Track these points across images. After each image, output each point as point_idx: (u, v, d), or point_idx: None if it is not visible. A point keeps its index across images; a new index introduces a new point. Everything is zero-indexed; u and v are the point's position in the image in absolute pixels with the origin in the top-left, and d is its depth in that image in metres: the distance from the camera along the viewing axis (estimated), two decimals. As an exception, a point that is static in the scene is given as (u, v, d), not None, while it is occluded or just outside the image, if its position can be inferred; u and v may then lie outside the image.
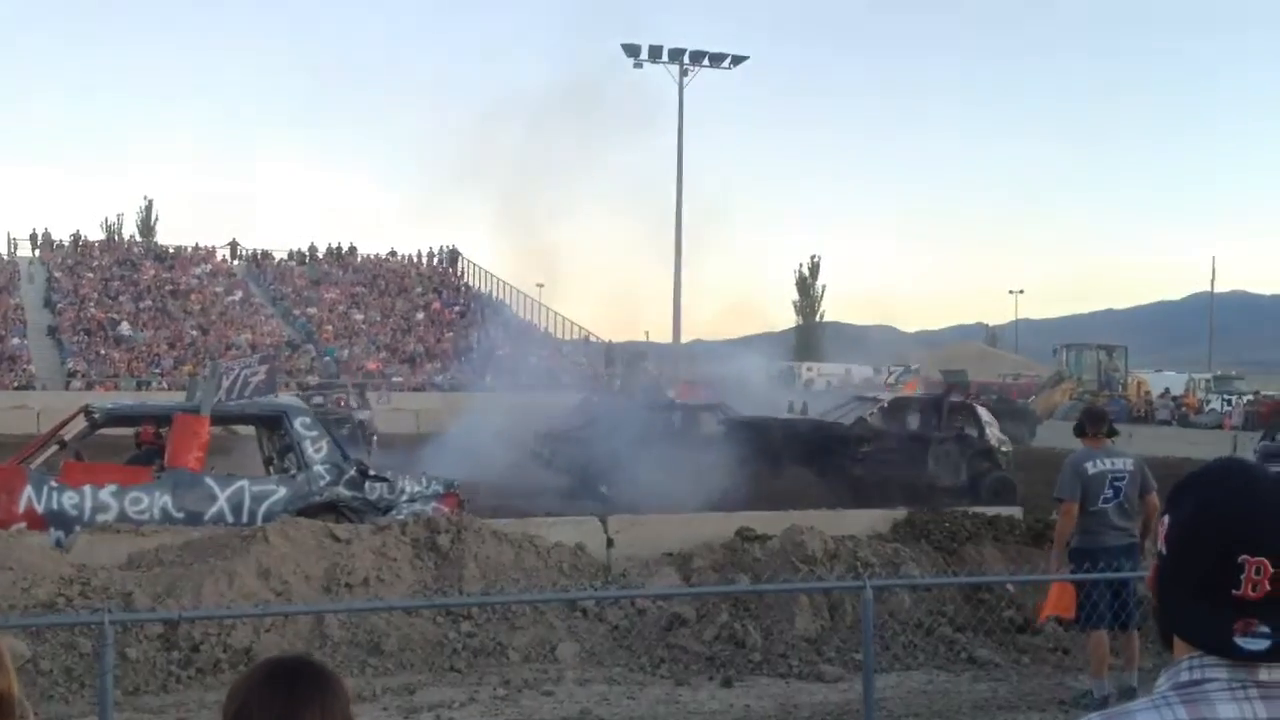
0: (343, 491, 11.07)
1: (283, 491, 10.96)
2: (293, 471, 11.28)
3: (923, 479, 18.63)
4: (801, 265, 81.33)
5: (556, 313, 56.04)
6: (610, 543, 10.54)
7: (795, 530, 10.28)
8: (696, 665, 8.84)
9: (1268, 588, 1.51)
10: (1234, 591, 1.52)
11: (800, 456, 18.70)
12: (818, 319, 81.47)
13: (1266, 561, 1.51)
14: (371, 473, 11.44)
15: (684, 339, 62.21)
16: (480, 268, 59.05)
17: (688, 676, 8.67)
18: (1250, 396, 39.49)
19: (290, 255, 58.11)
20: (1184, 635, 1.58)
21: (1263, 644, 1.50)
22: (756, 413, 21.40)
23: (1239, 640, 1.51)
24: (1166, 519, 1.62)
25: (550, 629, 9.08)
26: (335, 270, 56.66)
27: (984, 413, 21.36)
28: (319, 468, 11.08)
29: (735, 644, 9.03)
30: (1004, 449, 20.28)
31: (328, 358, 46.79)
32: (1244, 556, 1.51)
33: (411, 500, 11.15)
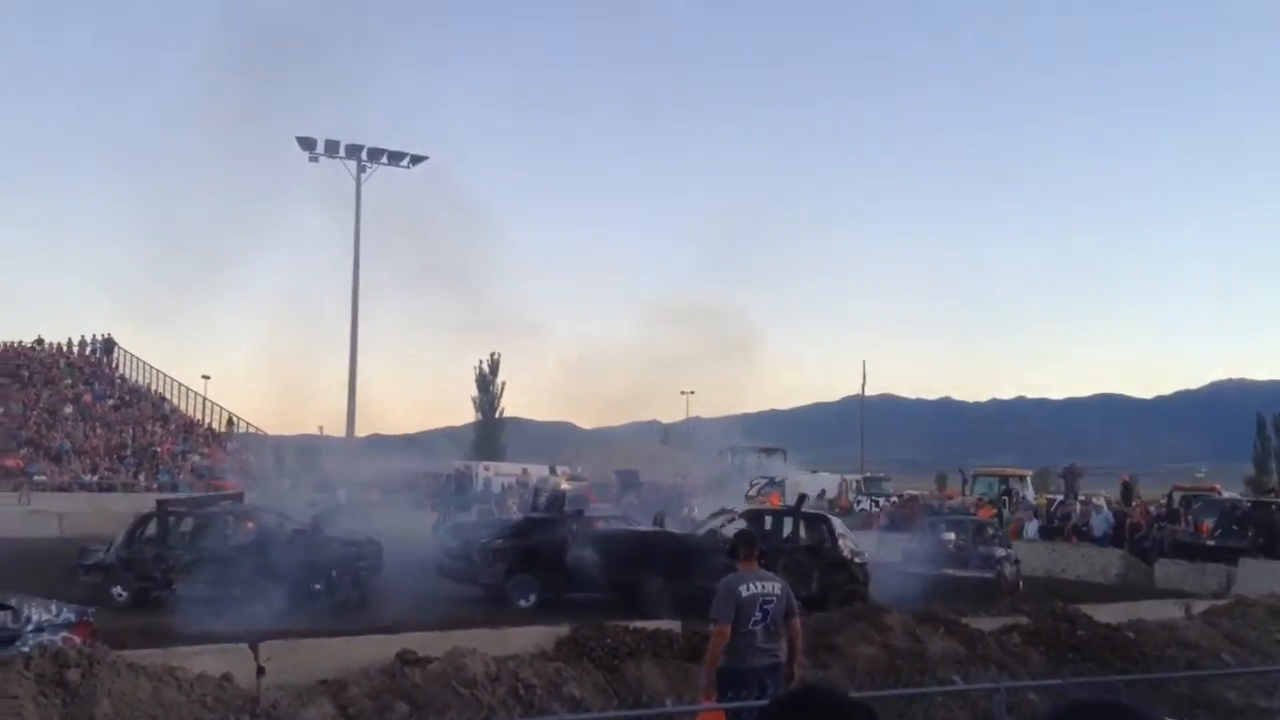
0: (-43, 622, 10.00)
1: (-117, 624, 9.78)
2: (-104, 600, 10.10)
3: None
4: (482, 362, 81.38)
5: (222, 407, 53.61)
6: (261, 671, 9.96)
7: (457, 653, 10.08)
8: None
9: None
10: None
11: (655, 567, 19.11)
12: (497, 415, 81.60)
13: None
14: (-9, 600, 10.39)
15: (360, 433, 60.84)
16: (138, 359, 55.76)
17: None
18: (895, 498, 42.38)
19: (-80, 340, 53.01)
20: None
21: None
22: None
23: None
24: None
25: (189, 769, 8.46)
26: (-27, 358, 52.01)
27: (839, 524, 22.06)
28: (-71, 595, 9.98)
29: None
30: (858, 560, 20.87)
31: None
32: None
33: (39, 630, 10.20)
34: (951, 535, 26.53)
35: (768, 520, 21.75)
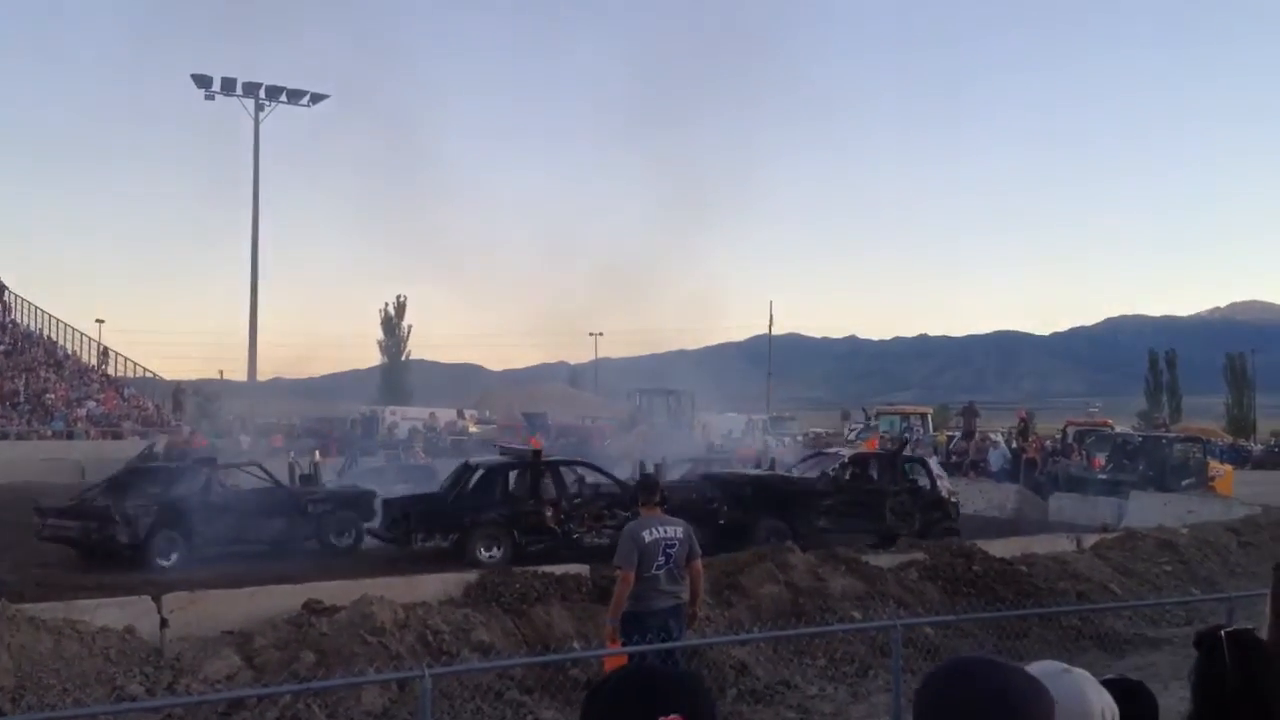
0: None
1: None
2: None
3: (881, 529, 19.80)
4: (387, 305, 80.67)
5: (118, 353, 52.34)
6: (165, 623, 9.89)
7: (365, 601, 10.08)
8: (256, 753, 8.46)
9: None
10: None
11: (772, 509, 19.55)
12: (404, 359, 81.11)
13: (679, 717, 1.64)
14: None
15: (262, 377, 59.95)
16: (29, 302, 54.08)
17: (246, 765, 8.27)
18: (801, 436, 43.07)
19: None
20: None
21: None
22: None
23: None
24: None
25: (92, 723, 8.38)
26: None
27: (935, 466, 22.83)
28: None
29: (299, 726, 8.71)
30: (953, 499, 21.80)
31: None
32: (660, 717, 1.64)
33: (-68, 586, 9.97)
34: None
35: (872, 463, 22.37)
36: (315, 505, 19.72)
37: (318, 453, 25.76)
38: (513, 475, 19.06)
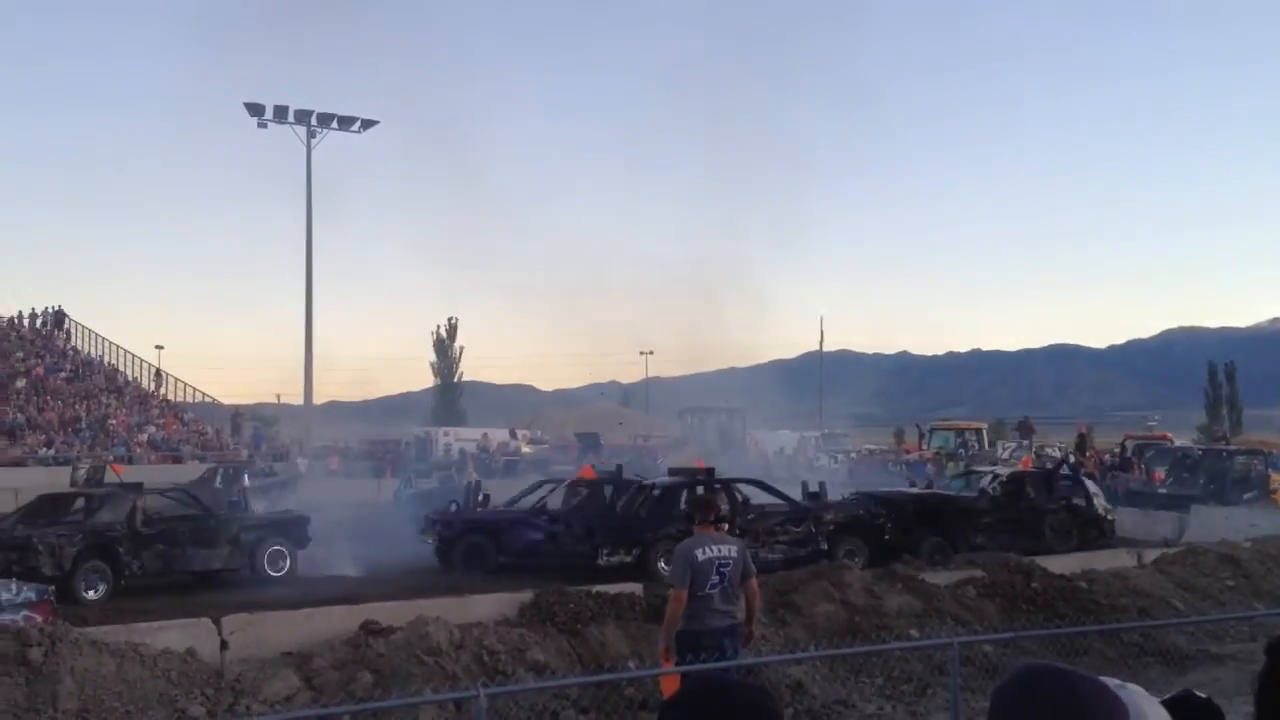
0: (-83, 604, 9.95)
1: None
2: None
3: (1040, 546, 19.60)
4: (439, 327, 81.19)
5: (176, 378, 53.11)
6: (224, 645, 10.02)
7: (421, 622, 10.15)
8: (316, 773, 8.53)
9: None
10: None
11: (933, 526, 20.13)
12: (456, 380, 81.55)
13: None
14: (-49, 581, 10.34)
15: (317, 401, 60.61)
16: (89, 330, 55.03)
17: (305, 786, 8.34)
18: (854, 454, 42.85)
19: None
20: None
21: None
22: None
23: None
24: None
25: (154, 745, 8.51)
26: (-80, 332, 51.04)
27: (1091, 485, 23.30)
28: (-114, 578, 9.91)
29: (356, 747, 8.79)
30: (1110, 518, 22.24)
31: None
32: None
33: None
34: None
35: (1029, 481, 22.71)
36: (247, 533, 19.47)
37: (246, 478, 25.86)
38: (687, 494, 19.46)
